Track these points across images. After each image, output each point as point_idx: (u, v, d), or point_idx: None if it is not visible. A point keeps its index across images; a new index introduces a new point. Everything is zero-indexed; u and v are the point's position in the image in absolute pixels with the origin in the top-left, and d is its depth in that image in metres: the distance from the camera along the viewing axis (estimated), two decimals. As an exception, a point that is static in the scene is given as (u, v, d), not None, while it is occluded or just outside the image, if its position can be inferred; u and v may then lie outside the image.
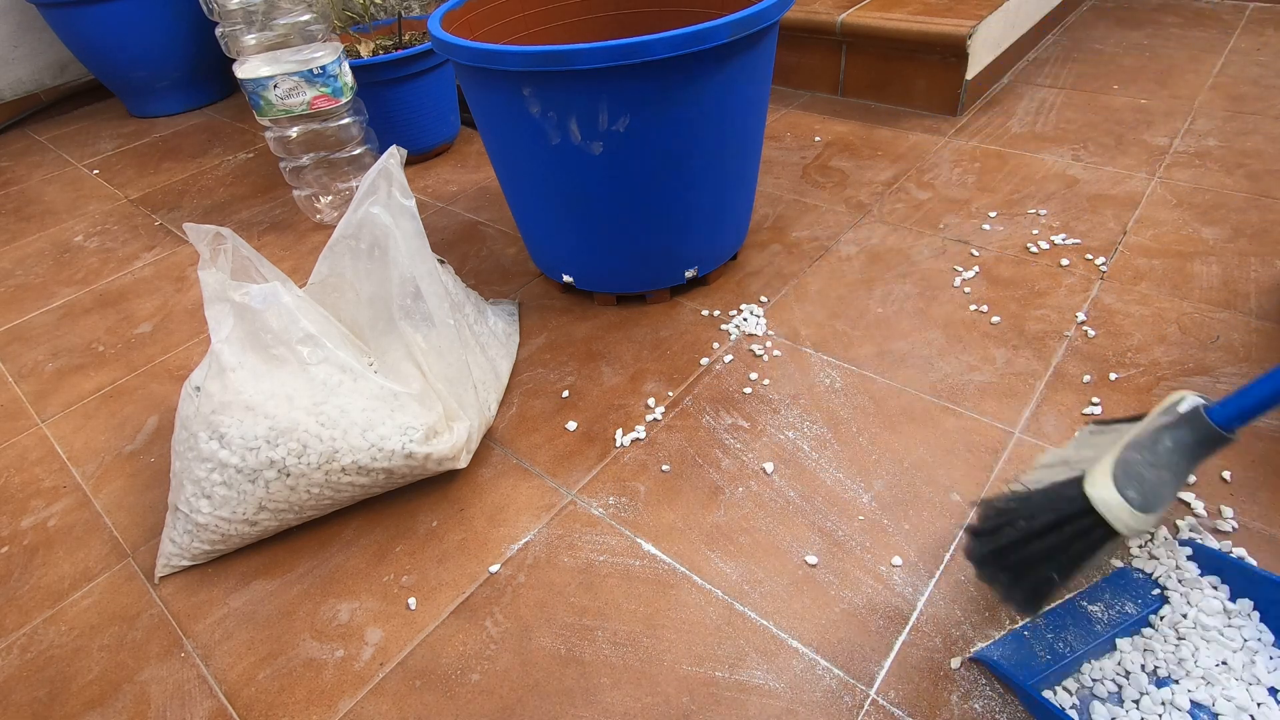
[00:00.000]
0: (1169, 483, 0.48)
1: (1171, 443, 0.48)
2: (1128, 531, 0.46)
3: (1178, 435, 0.48)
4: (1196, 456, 0.49)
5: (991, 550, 0.49)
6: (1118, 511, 0.45)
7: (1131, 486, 0.46)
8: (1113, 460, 0.48)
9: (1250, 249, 0.91)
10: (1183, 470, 0.48)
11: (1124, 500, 0.46)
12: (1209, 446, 0.48)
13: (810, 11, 1.35)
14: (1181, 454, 0.48)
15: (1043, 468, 0.55)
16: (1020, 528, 0.49)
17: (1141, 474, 0.47)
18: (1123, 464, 0.48)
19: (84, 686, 0.60)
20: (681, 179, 0.81)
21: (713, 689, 0.55)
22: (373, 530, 0.70)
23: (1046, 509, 0.48)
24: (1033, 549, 0.48)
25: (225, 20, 1.04)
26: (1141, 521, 0.46)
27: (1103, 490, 0.46)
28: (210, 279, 0.65)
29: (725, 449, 0.73)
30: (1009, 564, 0.49)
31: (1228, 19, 1.53)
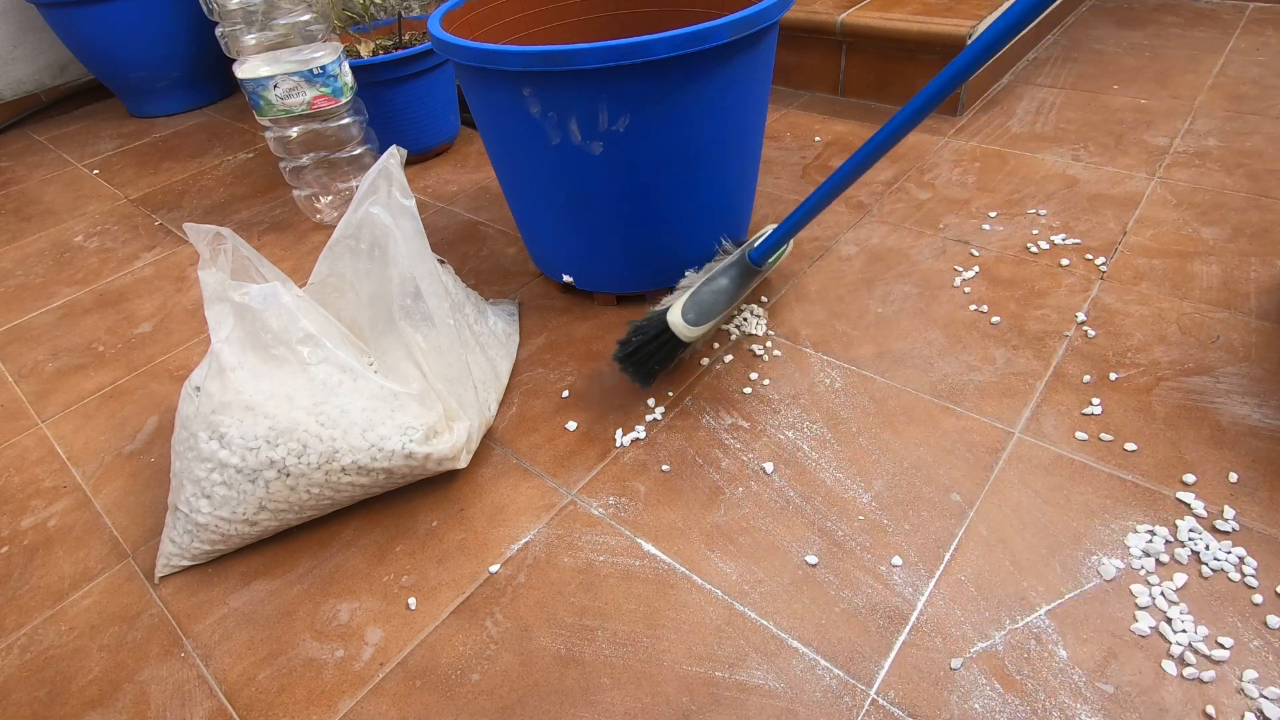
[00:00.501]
0: (721, 303, 0.77)
1: (726, 277, 0.78)
2: (686, 339, 0.75)
3: (730, 270, 0.79)
4: (743, 282, 0.79)
5: (623, 356, 0.76)
6: (678, 328, 0.74)
7: (691, 310, 0.75)
8: (689, 293, 0.77)
9: (1250, 249, 0.91)
10: (732, 293, 0.78)
11: (682, 320, 0.74)
12: (750, 275, 0.80)
13: (810, 11, 1.35)
14: (732, 282, 0.78)
15: (677, 290, 0.80)
16: (638, 341, 0.76)
17: (702, 299, 0.76)
18: (693, 294, 0.76)
19: (84, 686, 0.60)
20: (681, 179, 0.81)
21: (713, 689, 0.55)
22: (373, 530, 0.70)
23: (654, 328, 0.76)
24: (644, 352, 0.76)
25: (225, 20, 1.04)
26: (694, 332, 0.74)
27: (672, 315, 0.75)
28: (210, 279, 0.65)
29: (725, 449, 0.73)
30: (634, 363, 0.76)
31: (1228, 19, 1.53)
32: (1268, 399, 0.72)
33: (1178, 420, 0.71)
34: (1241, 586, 0.58)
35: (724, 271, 0.78)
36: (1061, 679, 0.53)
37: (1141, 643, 0.55)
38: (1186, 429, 0.70)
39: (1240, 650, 0.54)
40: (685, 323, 0.74)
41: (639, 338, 0.76)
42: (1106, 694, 0.52)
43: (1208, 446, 0.68)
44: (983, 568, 0.61)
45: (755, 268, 0.79)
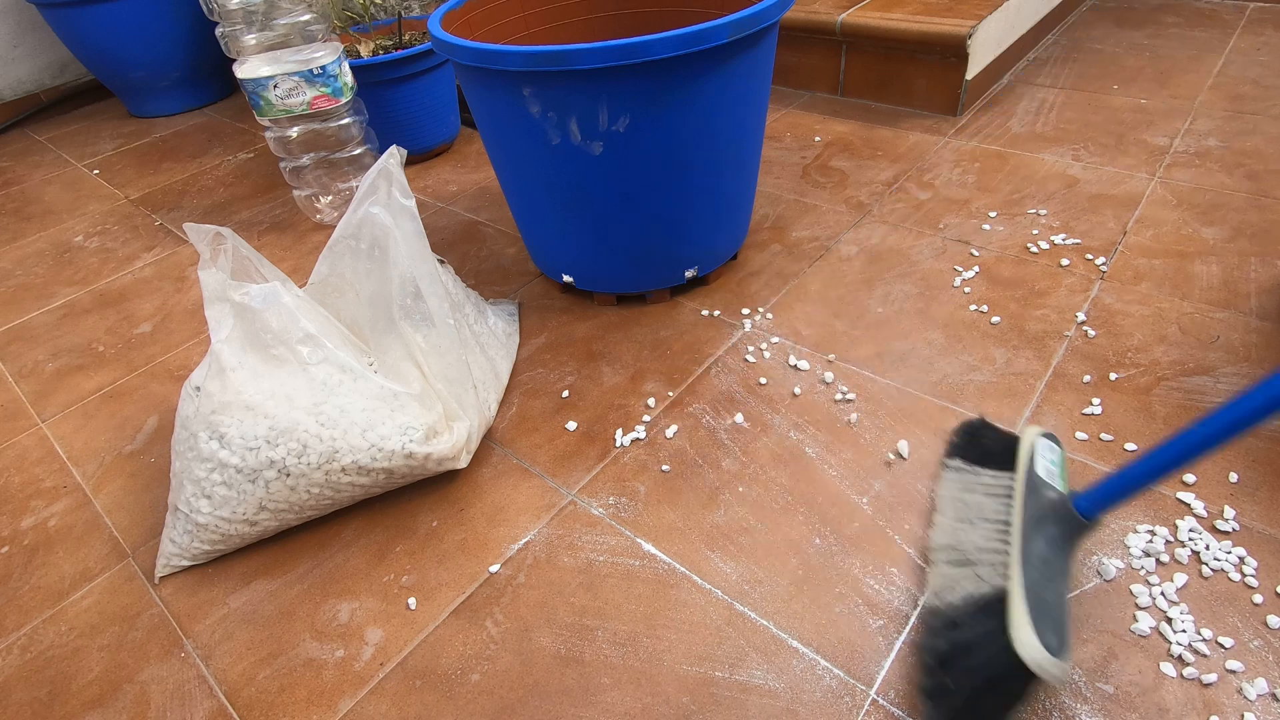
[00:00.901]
0: (1064, 592, 0.50)
1: (1048, 546, 0.51)
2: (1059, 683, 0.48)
3: (1051, 534, 0.52)
4: (1072, 549, 0.52)
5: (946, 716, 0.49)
6: (1051, 670, 0.45)
7: (1048, 628, 0.46)
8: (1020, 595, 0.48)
9: (1250, 249, 0.91)
10: (1067, 569, 0.51)
11: (1050, 655, 0.45)
12: (1079, 537, 0.52)
13: (810, 11, 1.35)
14: (1060, 554, 0.51)
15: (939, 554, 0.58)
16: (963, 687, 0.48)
17: (1045, 600, 0.48)
18: (1030, 596, 0.48)
19: (84, 686, 0.60)
20: (681, 179, 0.81)
21: (713, 689, 0.55)
22: (373, 530, 0.70)
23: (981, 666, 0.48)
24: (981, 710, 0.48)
25: (225, 20, 1.04)
26: (1066, 666, 0.46)
27: (1033, 651, 0.46)
28: (210, 279, 0.65)
29: (725, 449, 0.73)
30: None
31: (1228, 19, 1.53)
32: (1268, 399, 0.72)
33: (1178, 420, 0.71)
34: (1241, 586, 0.58)
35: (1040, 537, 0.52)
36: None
37: (1141, 643, 0.55)
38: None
39: (1240, 650, 0.54)
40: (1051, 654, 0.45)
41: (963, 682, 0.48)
42: (1107, 694, 0.52)
43: (1208, 446, 0.68)
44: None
45: (1088, 524, 0.52)
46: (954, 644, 0.50)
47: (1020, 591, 0.48)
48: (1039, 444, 0.58)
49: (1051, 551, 0.51)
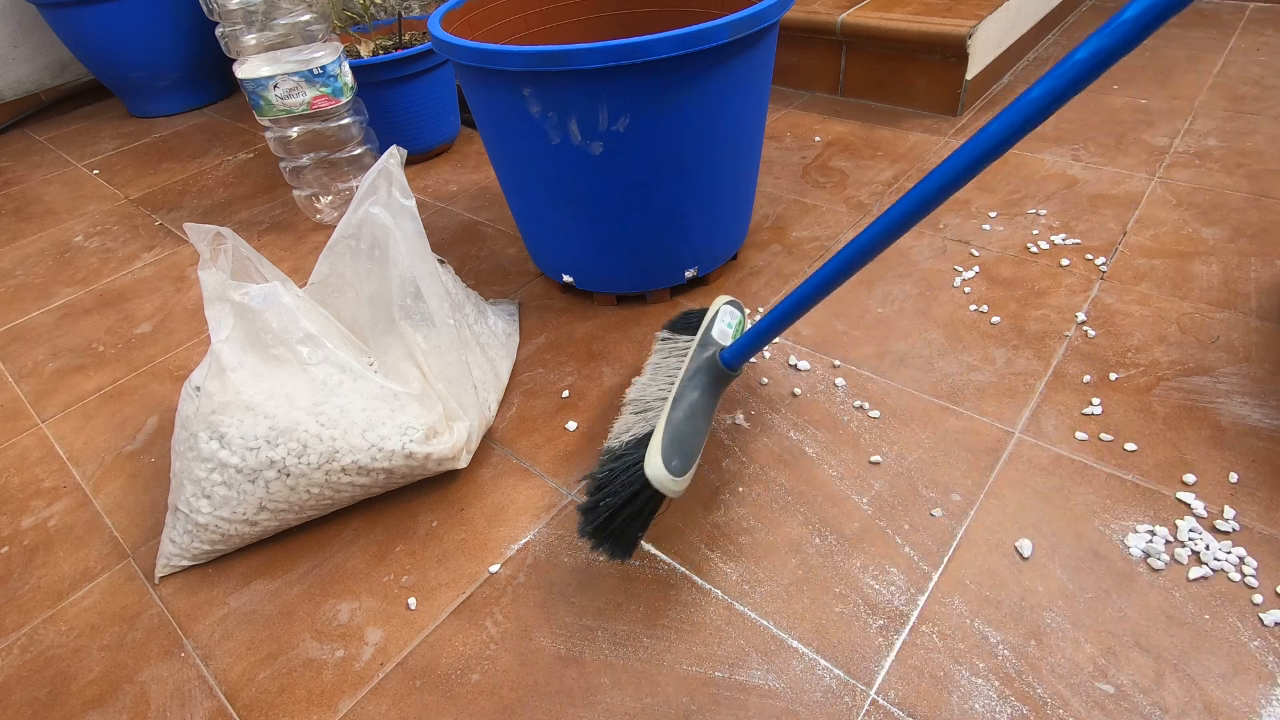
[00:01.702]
0: (702, 429, 0.60)
1: (698, 391, 0.62)
2: (676, 496, 0.57)
3: (701, 381, 0.62)
4: (717, 394, 0.63)
5: (595, 529, 0.58)
6: (667, 485, 0.56)
7: (676, 454, 0.57)
8: (661, 428, 0.58)
9: (1250, 249, 0.91)
10: (709, 411, 0.62)
11: (670, 474, 0.56)
12: (723, 384, 0.64)
13: (810, 11, 1.35)
14: (706, 397, 0.62)
15: (626, 406, 0.67)
16: (608, 504, 0.58)
17: (681, 432, 0.59)
18: (669, 430, 0.58)
19: (84, 686, 0.60)
20: (681, 179, 0.81)
21: (713, 689, 0.55)
22: (373, 530, 0.70)
23: (625, 483, 0.58)
24: (620, 518, 0.58)
25: (225, 20, 1.04)
26: (684, 483, 0.57)
27: (655, 470, 0.56)
28: (210, 279, 0.65)
29: (725, 449, 0.73)
30: (609, 534, 0.58)
31: (1228, 19, 1.53)
32: (1268, 399, 0.72)
33: (1178, 420, 0.71)
34: (1241, 586, 0.58)
35: (692, 385, 0.62)
36: (1062, 679, 0.53)
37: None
38: (1186, 429, 0.70)
39: (1240, 650, 0.54)
40: (671, 474, 0.56)
41: (609, 500, 0.58)
42: (1107, 694, 0.52)
43: (1208, 446, 0.68)
44: (983, 568, 0.61)
45: (730, 373, 0.63)
46: (610, 471, 0.59)
47: (661, 427, 0.58)
48: (721, 310, 0.69)
49: (699, 396, 0.61)
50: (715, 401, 0.63)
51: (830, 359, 0.82)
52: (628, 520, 0.58)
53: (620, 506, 0.58)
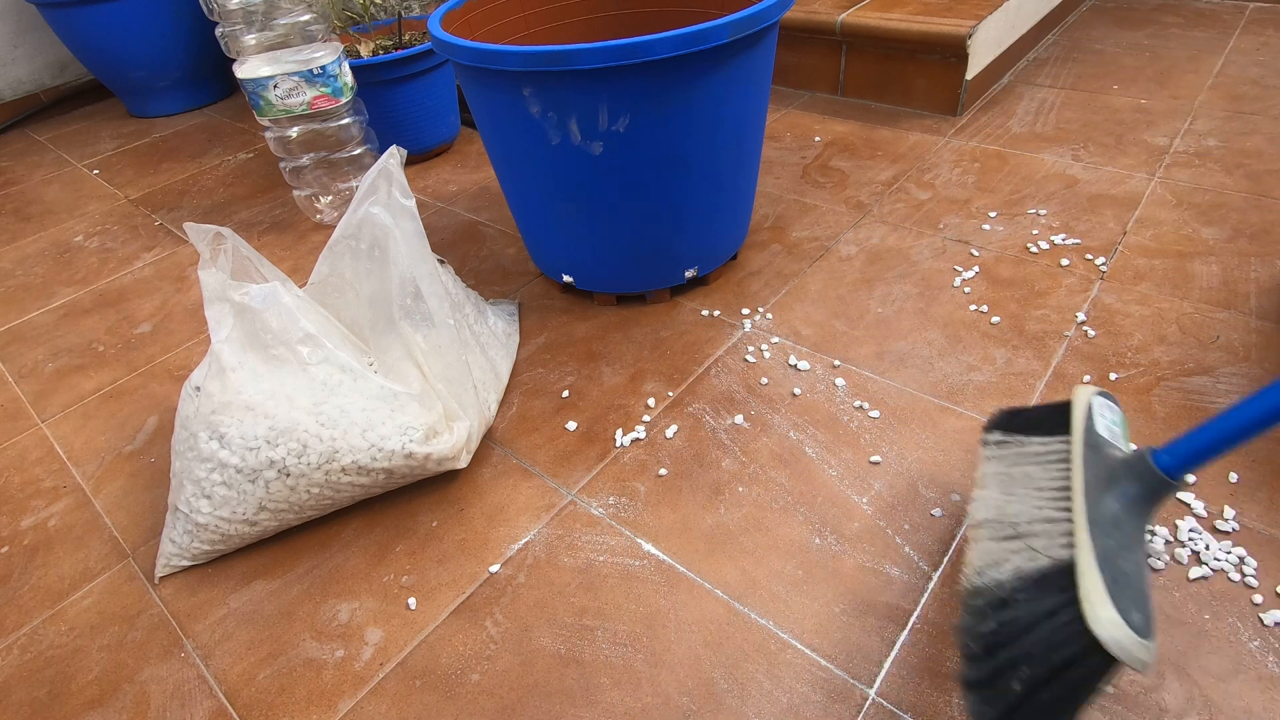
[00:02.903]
0: (1144, 561, 0.42)
1: (1121, 507, 0.43)
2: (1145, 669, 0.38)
3: (1125, 493, 0.43)
4: (1149, 513, 0.44)
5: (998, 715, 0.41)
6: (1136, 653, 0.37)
7: (1129, 602, 0.38)
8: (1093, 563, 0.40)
9: (1250, 249, 0.91)
10: (1143, 535, 0.43)
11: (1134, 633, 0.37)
12: (1159, 499, 0.44)
13: (810, 11, 1.35)
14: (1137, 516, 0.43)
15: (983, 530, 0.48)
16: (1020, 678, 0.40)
17: (1124, 570, 0.40)
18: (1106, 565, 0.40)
19: (84, 686, 0.60)
20: (681, 179, 0.81)
21: (712, 689, 0.55)
22: (373, 530, 0.70)
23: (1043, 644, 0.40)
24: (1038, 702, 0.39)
25: (225, 20, 1.04)
26: (1154, 649, 0.38)
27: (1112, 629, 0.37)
28: (210, 279, 0.65)
29: (725, 449, 0.73)
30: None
31: (1228, 19, 1.53)
32: (1268, 399, 0.72)
33: (1178, 420, 0.71)
34: (1241, 586, 0.58)
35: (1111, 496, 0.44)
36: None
37: (1141, 643, 0.55)
38: (1186, 429, 0.70)
39: (1240, 650, 0.54)
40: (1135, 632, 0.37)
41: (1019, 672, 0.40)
42: (1107, 694, 0.52)
43: (1208, 446, 0.68)
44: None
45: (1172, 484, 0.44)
46: (1004, 625, 0.41)
47: (1092, 559, 0.40)
48: (1095, 402, 0.48)
49: (1126, 514, 0.42)
50: (1147, 523, 0.44)
51: (830, 359, 0.82)
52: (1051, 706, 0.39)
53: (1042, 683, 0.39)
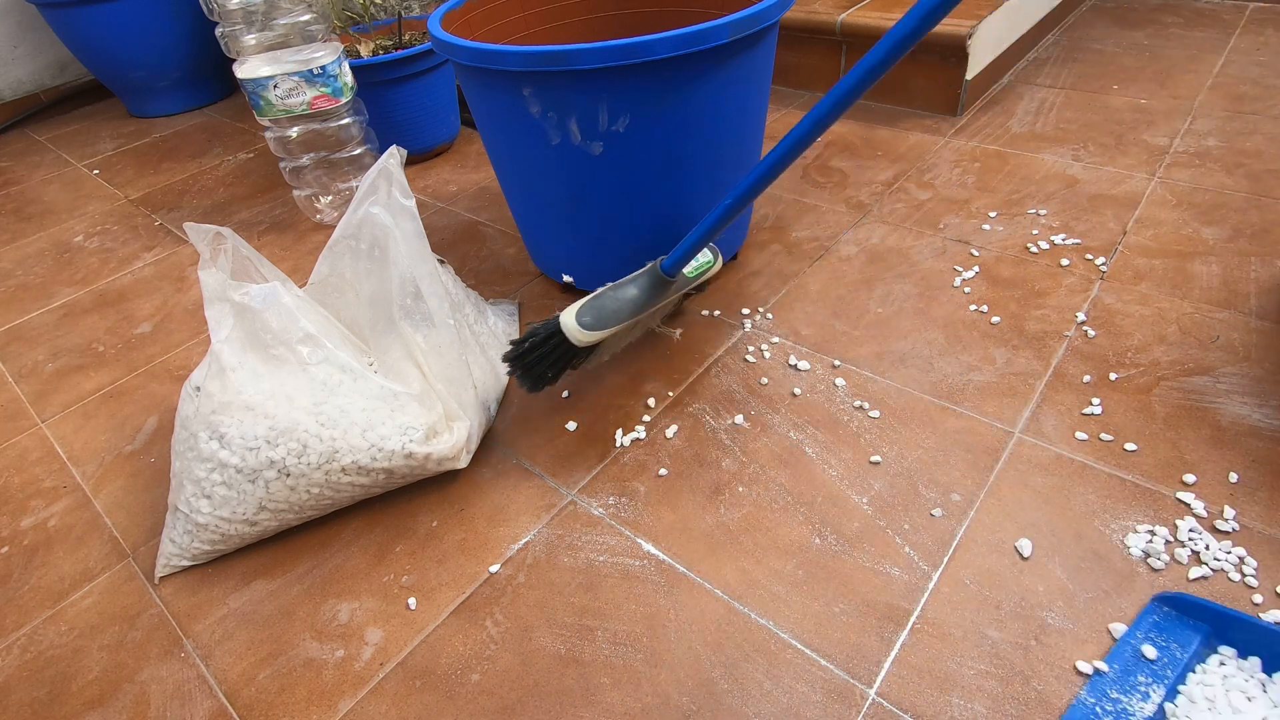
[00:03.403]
0: (625, 310, 0.72)
1: (634, 286, 0.73)
2: (577, 342, 0.70)
3: (639, 280, 0.73)
4: (651, 292, 0.73)
5: (513, 357, 0.72)
6: (570, 331, 0.70)
7: (590, 314, 0.70)
8: (591, 297, 0.72)
9: (1250, 249, 0.91)
10: (639, 302, 0.72)
11: (577, 324, 0.69)
12: (660, 286, 0.73)
13: (810, 11, 1.35)
14: (640, 291, 0.73)
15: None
16: (531, 343, 0.71)
17: (604, 304, 0.71)
18: (593, 299, 0.72)
19: (84, 686, 0.60)
20: (682, 179, 0.81)
21: (712, 689, 0.55)
22: (373, 530, 0.70)
23: (546, 330, 0.71)
24: (535, 355, 0.72)
25: (225, 20, 1.04)
26: (587, 337, 0.70)
27: (566, 317, 0.70)
28: (210, 279, 0.65)
29: (725, 449, 0.73)
30: (523, 365, 0.72)
31: (1228, 19, 1.53)
32: (1268, 399, 0.72)
33: (1178, 420, 0.71)
34: (1241, 586, 0.58)
35: (634, 280, 0.74)
36: (1063, 678, 0.53)
37: (1141, 643, 0.55)
38: (1186, 429, 0.70)
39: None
40: (579, 326, 0.69)
41: (530, 339, 0.72)
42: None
43: (1208, 446, 0.68)
44: (983, 568, 0.61)
45: (667, 278, 0.73)
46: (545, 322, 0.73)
47: (588, 299, 0.72)
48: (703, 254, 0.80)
49: (634, 289, 0.73)
50: (650, 298, 0.73)
51: (830, 359, 0.82)
52: (541, 358, 0.72)
53: (538, 344, 0.71)
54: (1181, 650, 0.52)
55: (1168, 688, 0.50)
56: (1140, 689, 0.51)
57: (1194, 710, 0.48)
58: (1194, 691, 0.49)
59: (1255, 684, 0.49)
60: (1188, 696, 0.49)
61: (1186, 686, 0.50)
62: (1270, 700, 0.48)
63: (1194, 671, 0.51)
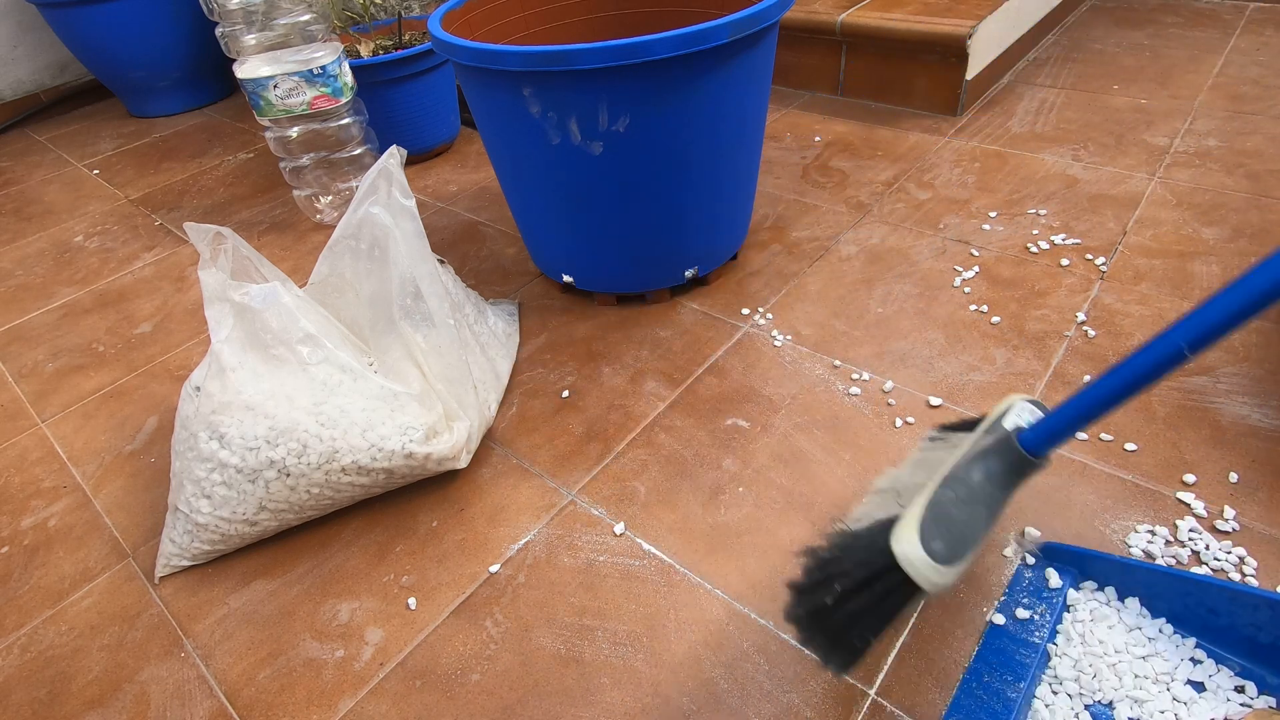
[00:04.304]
0: (981, 519, 0.46)
1: (983, 474, 0.47)
2: (932, 589, 0.44)
3: (989, 465, 0.47)
4: (1010, 485, 0.48)
5: (807, 612, 0.48)
6: (922, 569, 0.43)
7: (938, 536, 0.44)
8: (923, 503, 0.46)
9: (1250, 249, 0.91)
10: (997, 502, 0.47)
11: (927, 556, 0.44)
12: (1021, 474, 0.48)
13: (810, 11, 1.35)
14: (994, 484, 0.47)
15: (874, 494, 0.54)
16: (835, 588, 0.46)
17: (951, 515, 0.45)
18: (933, 507, 0.46)
19: (84, 686, 0.60)
20: (681, 179, 0.81)
21: (713, 689, 0.55)
22: (373, 530, 0.70)
23: (860, 563, 0.46)
24: (846, 610, 0.46)
25: (225, 20, 1.04)
26: (945, 575, 0.44)
27: (907, 546, 0.44)
28: (210, 279, 0.65)
29: (725, 449, 0.73)
30: (825, 626, 0.48)
31: (1228, 19, 1.53)
32: (1268, 399, 0.72)
33: (1178, 420, 0.71)
34: (1241, 586, 0.58)
35: (973, 466, 0.48)
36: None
37: (1141, 643, 0.55)
38: (1186, 429, 0.70)
39: (1240, 650, 0.54)
40: (931, 558, 0.44)
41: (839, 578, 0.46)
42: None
43: (1208, 446, 0.68)
44: (983, 568, 0.61)
45: (1033, 461, 0.47)
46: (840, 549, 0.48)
47: (923, 500, 0.46)
48: (1017, 404, 0.50)
49: (984, 481, 0.47)
50: (1005, 494, 0.48)
51: (830, 359, 0.82)
52: (856, 614, 0.46)
53: (850, 592, 0.45)
54: (1056, 595, 0.58)
55: (1049, 629, 0.55)
56: (1028, 633, 0.56)
57: (1070, 646, 0.54)
58: (1069, 629, 0.55)
59: (1111, 609, 0.56)
60: (1065, 634, 0.55)
61: (1063, 625, 0.56)
62: (1125, 624, 0.55)
63: (1068, 611, 0.56)
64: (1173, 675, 0.52)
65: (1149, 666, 0.52)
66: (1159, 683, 0.51)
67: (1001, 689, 0.52)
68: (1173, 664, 0.52)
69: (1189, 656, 0.53)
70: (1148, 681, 0.51)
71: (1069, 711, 0.51)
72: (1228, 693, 0.50)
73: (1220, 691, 0.51)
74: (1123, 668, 0.52)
